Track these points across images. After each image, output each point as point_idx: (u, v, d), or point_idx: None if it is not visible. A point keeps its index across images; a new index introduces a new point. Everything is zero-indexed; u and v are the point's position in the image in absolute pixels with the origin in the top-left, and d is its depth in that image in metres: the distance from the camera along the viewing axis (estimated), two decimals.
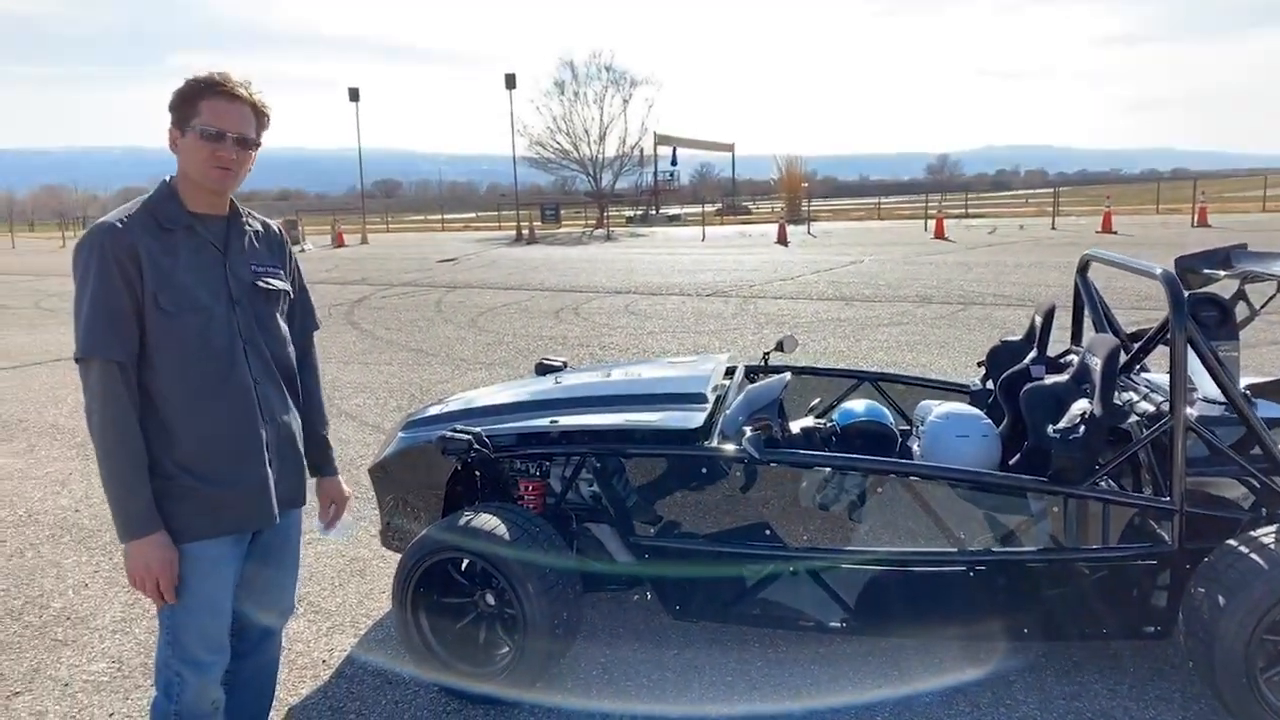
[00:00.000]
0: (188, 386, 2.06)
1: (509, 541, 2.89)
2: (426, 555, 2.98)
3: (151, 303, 2.00)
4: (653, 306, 12.82)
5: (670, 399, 3.42)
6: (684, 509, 3.10)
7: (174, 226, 2.07)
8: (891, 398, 4.17)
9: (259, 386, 2.15)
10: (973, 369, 7.88)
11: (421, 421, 3.70)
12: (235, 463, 2.12)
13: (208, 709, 2.21)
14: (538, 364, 4.33)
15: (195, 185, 2.10)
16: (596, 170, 46.33)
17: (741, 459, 2.95)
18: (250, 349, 2.14)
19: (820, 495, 3.00)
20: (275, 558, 2.32)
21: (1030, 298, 12.06)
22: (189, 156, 2.06)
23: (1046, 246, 20.57)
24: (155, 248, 2.02)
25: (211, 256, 2.11)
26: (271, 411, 2.19)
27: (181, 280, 2.04)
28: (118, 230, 2.00)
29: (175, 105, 2.07)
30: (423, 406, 3.99)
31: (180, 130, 2.07)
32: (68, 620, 3.73)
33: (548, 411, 3.47)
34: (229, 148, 2.06)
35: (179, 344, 2.04)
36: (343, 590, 3.96)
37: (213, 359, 2.07)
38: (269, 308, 2.21)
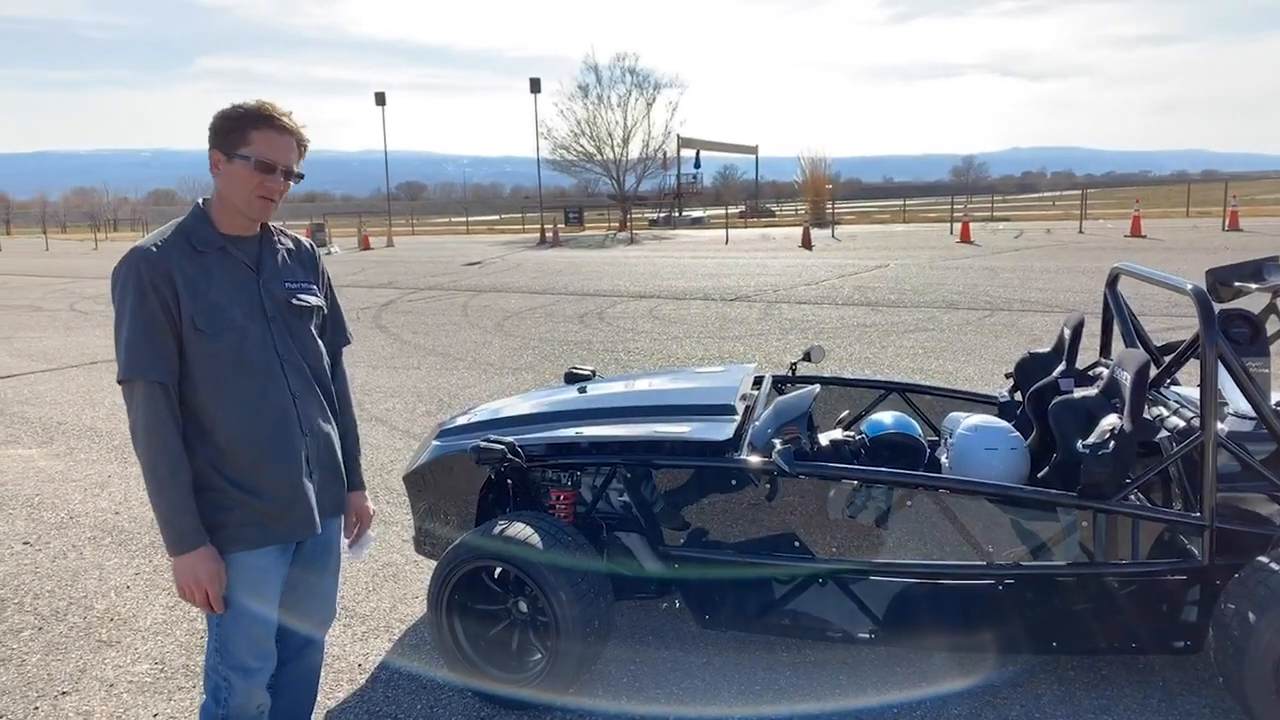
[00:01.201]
0: (228, 403, 2.11)
1: (542, 550, 2.95)
2: (461, 563, 3.04)
3: (189, 324, 2.06)
4: (677, 311, 12.86)
5: (699, 410, 3.46)
6: (713, 519, 3.14)
7: (207, 249, 2.13)
8: (919, 409, 4.19)
9: (298, 400, 2.21)
10: (999, 377, 7.86)
11: (455, 430, 3.76)
12: (279, 475, 2.17)
13: (254, 713, 2.28)
14: (567, 373, 4.39)
15: (233, 210, 2.16)
16: (620, 173, 46.45)
17: (771, 471, 2.99)
18: (288, 364, 2.20)
19: (849, 507, 3.03)
20: (318, 566, 2.38)
21: (1057, 304, 11.99)
22: (235, 183, 2.11)
23: (1074, 251, 20.39)
24: (190, 271, 2.08)
25: (245, 276, 2.18)
26: (311, 424, 2.24)
27: (216, 301, 2.10)
28: (153, 255, 2.06)
29: (223, 130, 2.11)
30: (455, 414, 4.06)
31: (226, 155, 2.11)
32: (111, 621, 3.83)
33: (578, 422, 3.53)
34: (278, 180, 2.13)
35: (217, 363, 2.09)
36: (377, 595, 4.04)
37: (250, 376, 2.13)
38: (303, 323, 2.27)
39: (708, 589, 3.17)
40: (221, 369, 2.10)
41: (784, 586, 3.09)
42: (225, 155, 2.11)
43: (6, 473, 6.05)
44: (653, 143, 46.82)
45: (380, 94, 37.94)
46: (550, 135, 45.50)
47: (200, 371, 2.09)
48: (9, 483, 5.83)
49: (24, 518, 5.18)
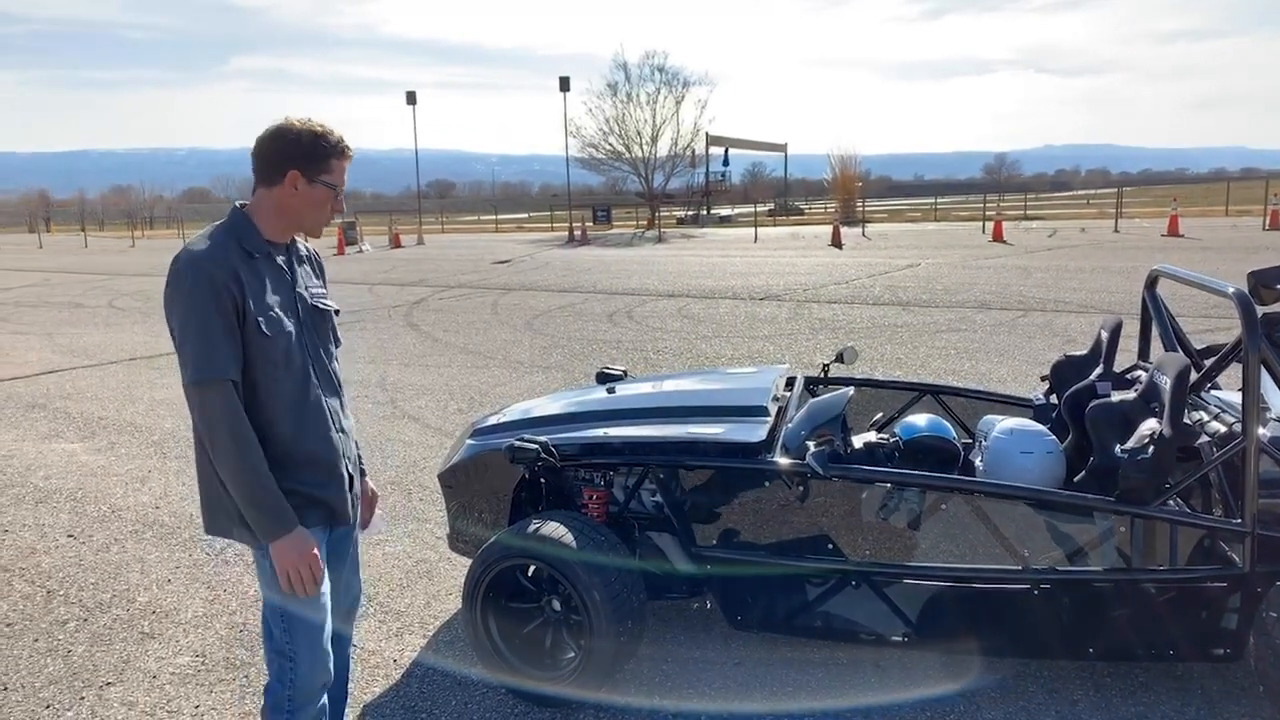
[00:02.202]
0: (279, 401, 2.21)
1: (576, 549, 2.98)
2: (496, 561, 3.08)
3: (254, 326, 2.15)
4: (706, 310, 12.86)
5: (731, 411, 3.47)
6: (745, 520, 3.15)
7: (258, 254, 2.23)
8: (952, 411, 4.17)
9: (327, 399, 2.33)
10: (1034, 379, 7.79)
11: (489, 429, 3.80)
12: (324, 463, 2.30)
13: (318, 690, 2.36)
14: (599, 373, 4.42)
15: (293, 223, 2.28)
16: (648, 171, 46.46)
17: (804, 473, 3.00)
18: (317, 365, 2.32)
19: (883, 510, 3.02)
20: (339, 554, 2.47)
21: (1092, 304, 11.84)
22: (311, 204, 2.25)
23: (1109, 250, 20.11)
24: (248, 274, 2.17)
25: (285, 281, 2.29)
26: (339, 420, 2.37)
27: (271, 304, 2.21)
28: (219, 256, 2.14)
29: (312, 156, 2.22)
30: (489, 413, 4.10)
31: (308, 178, 2.22)
32: (153, 614, 3.92)
33: (610, 422, 3.56)
34: (343, 202, 2.34)
35: (271, 363, 2.19)
36: (411, 591, 4.09)
37: (294, 376, 2.25)
38: (325, 325, 2.40)
39: (740, 590, 3.18)
40: (275, 369, 2.20)
41: (817, 588, 3.10)
42: (307, 178, 2.22)
43: (51, 467, 6.19)
44: (681, 140, 46.80)
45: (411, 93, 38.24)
46: (579, 133, 45.65)
47: (255, 372, 2.17)
48: (53, 476, 5.97)
49: (68, 511, 5.30)
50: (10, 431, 7.22)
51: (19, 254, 36.76)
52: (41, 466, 6.20)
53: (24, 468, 6.19)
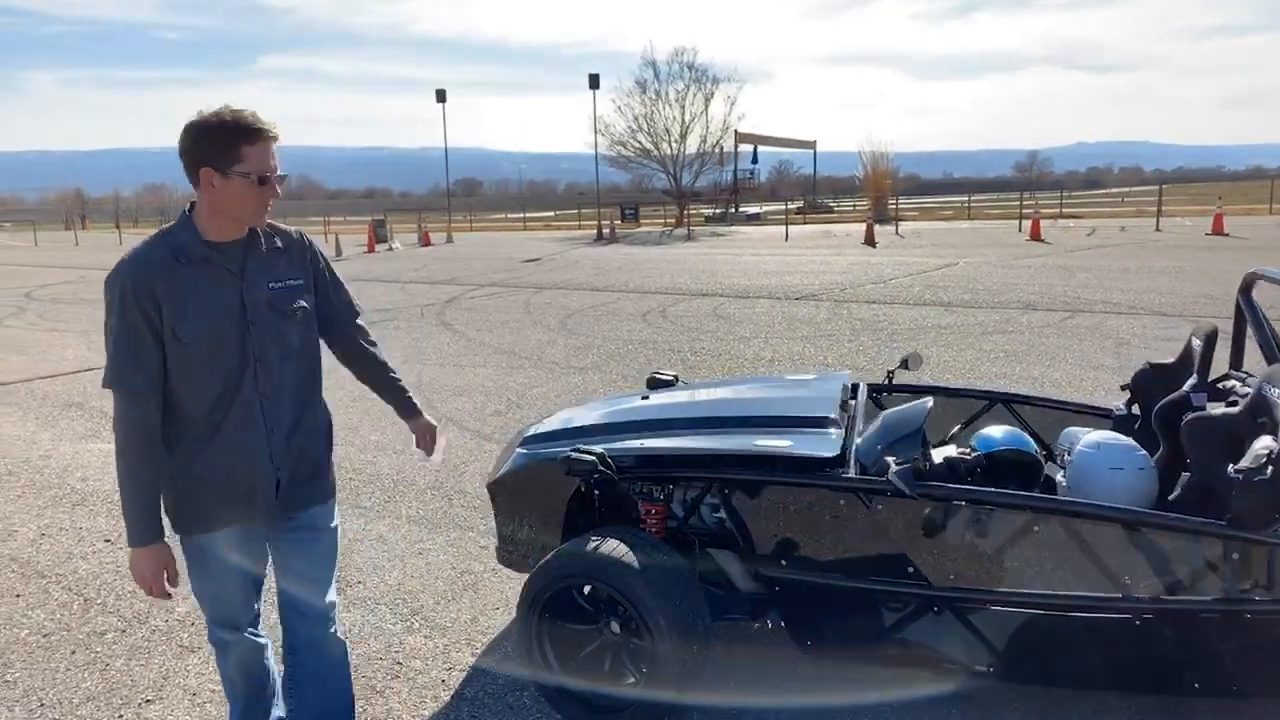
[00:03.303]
0: (199, 404, 2.24)
1: (638, 570, 2.80)
2: (553, 581, 2.91)
3: (170, 335, 2.16)
4: (741, 310, 12.64)
5: (797, 422, 3.27)
6: (817, 540, 2.96)
7: (190, 261, 2.19)
8: (1025, 421, 3.94)
9: (266, 402, 2.30)
10: (1088, 382, 7.52)
11: (539, 438, 3.63)
12: (239, 466, 2.29)
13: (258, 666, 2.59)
14: (649, 378, 4.24)
15: (230, 220, 2.22)
16: (677, 169, 46.22)
17: (885, 491, 2.80)
18: (261, 365, 2.28)
19: (969, 531, 2.82)
20: (304, 551, 2.49)
21: (1141, 306, 11.49)
22: (235, 199, 2.17)
23: (1152, 250, 19.63)
24: (172, 283, 2.16)
25: (227, 282, 2.24)
26: (277, 421, 2.33)
27: (196, 312, 2.18)
28: (138, 270, 2.15)
29: (217, 150, 2.13)
30: (538, 420, 3.93)
31: (220, 172, 2.14)
32: (192, 626, 3.79)
33: (669, 432, 3.38)
34: (275, 189, 2.21)
35: (192, 368, 2.21)
36: (456, 604, 3.93)
37: (222, 379, 2.23)
38: (285, 323, 2.32)
39: (811, 612, 2.99)
40: (194, 371, 2.21)
41: (895, 613, 2.90)
42: (221, 172, 2.15)
43: (88, 467, 6.12)
44: (710, 138, 46.46)
45: (441, 91, 38.28)
46: (608, 131, 45.48)
47: (176, 376, 2.21)
48: (90, 478, 5.89)
49: (105, 514, 5.21)
50: (48, 430, 7.17)
51: (56, 251, 37.25)
52: (79, 467, 6.13)
53: (61, 468, 6.13)
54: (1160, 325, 9.93)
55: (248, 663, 2.57)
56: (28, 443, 6.82)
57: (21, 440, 6.89)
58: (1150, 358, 3.95)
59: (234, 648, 2.53)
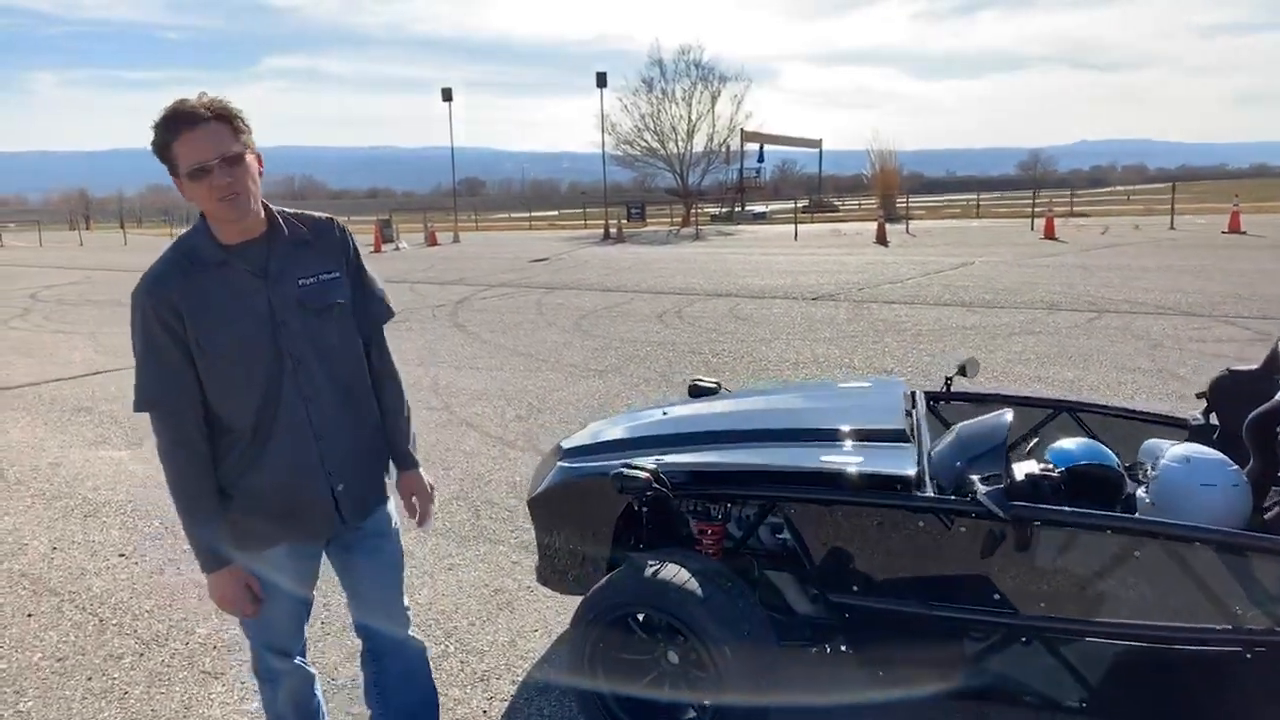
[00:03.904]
0: (240, 416, 2.10)
1: (701, 599, 2.59)
2: (609, 609, 2.70)
3: (195, 347, 2.04)
4: (758, 311, 12.43)
5: (864, 436, 3.06)
6: (892, 564, 2.75)
7: (207, 267, 2.06)
8: (1091, 430, 3.73)
9: (310, 404, 2.15)
10: (1125, 385, 7.29)
11: (579, 451, 3.42)
12: (291, 479, 2.15)
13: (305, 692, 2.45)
14: (690, 386, 4.03)
15: (220, 222, 2.07)
16: (683, 168, 45.99)
17: (970, 513, 2.58)
18: (300, 367, 2.13)
19: (1062, 555, 2.60)
20: (369, 558, 2.37)
21: (1169, 306, 11.26)
22: (194, 199, 2.03)
23: (1169, 249, 19.38)
24: (190, 292, 2.04)
25: (250, 285, 2.09)
26: (326, 426, 2.18)
27: (218, 320, 2.05)
28: (155, 285, 2.04)
29: (159, 158, 2.00)
30: (575, 432, 3.73)
31: (179, 179, 2.00)
32: (214, 650, 3.59)
33: (722, 445, 3.17)
34: (218, 175, 1.97)
35: (227, 380, 2.08)
36: (491, 626, 3.73)
37: (260, 387, 2.09)
38: (320, 320, 2.17)
39: (884, 641, 2.78)
40: (230, 384, 2.08)
41: (977, 643, 2.68)
42: (176, 178, 2.01)
43: (99, 476, 5.92)
44: (717, 136, 46.21)
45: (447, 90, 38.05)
46: (614, 130, 45.24)
47: (210, 386, 2.08)
48: (102, 487, 5.70)
49: (119, 526, 5.01)
50: (57, 436, 6.98)
51: (60, 251, 37.14)
52: (90, 476, 5.93)
53: (72, 477, 5.93)
54: (1191, 326, 9.69)
55: (300, 695, 2.43)
56: (36, 449, 6.63)
57: (30, 447, 6.70)
58: (1187, 360, 3.73)
59: (285, 679, 2.38)
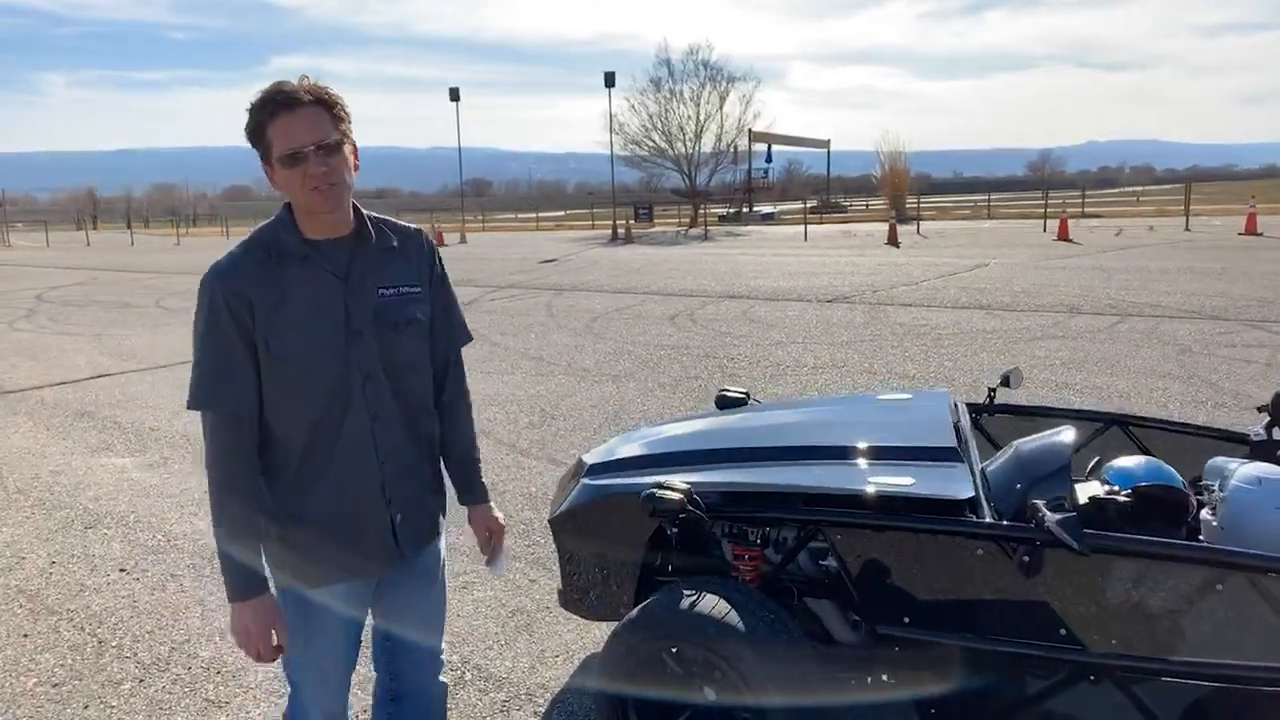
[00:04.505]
0: (299, 430, 1.90)
1: (744, 633, 2.40)
2: (643, 644, 2.50)
3: (263, 347, 1.85)
4: (773, 313, 12.22)
5: (911, 454, 2.85)
6: (948, 594, 2.54)
7: (287, 260, 1.89)
8: (1145, 446, 3.51)
9: (376, 424, 1.96)
10: (1157, 393, 7.06)
11: (606, 467, 3.22)
12: (349, 507, 1.96)
13: None
14: (718, 396, 3.83)
15: (306, 213, 1.90)
16: (691, 168, 45.79)
17: (1035, 541, 2.38)
18: (369, 383, 1.94)
19: (1136, 587, 2.40)
20: (420, 596, 2.17)
21: (1193, 309, 11.02)
22: (286, 188, 1.86)
23: (1186, 250, 19.12)
24: (266, 287, 1.86)
25: (330, 288, 1.91)
26: (390, 450, 1.99)
27: (292, 320, 1.87)
28: (229, 273, 1.86)
29: (251, 142, 1.87)
30: (599, 447, 3.53)
31: (269, 165, 1.86)
32: (218, 675, 3.40)
33: (759, 464, 2.96)
34: (314, 163, 1.81)
35: (290, 388, 1.89)
36: (510, 650, 3.53)
37: (325, 401, 1.90)
38: (396, 335, 1.98)
39: (938, 677, 2.57)
40: (292, 393, 1.89)
41: (1041, 681, 2.48)
42: (267, 164, 1.86)
43: (101, 485, 5.74)
44: (725, 137, 46.00)
45: (454, 90, 37.91)
46: (622, 130, 45.06)
47: (271, 395, 1.89)
48: (103, 497, 5.52)
49: (119, 539, 4.83)
50: (59, 443, 6.81)
51: (67, 251, 37.10)
52: (91, 485, 5.75)
53: (73, 485, 5.76)
54: (1219, 331, 9.45)
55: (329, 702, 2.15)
56: (38, 456, 6.45)
57: (31, 454, 6.53)
58: (1218, 366, 3.52)
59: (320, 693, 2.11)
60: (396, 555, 2.04)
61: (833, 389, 7.67)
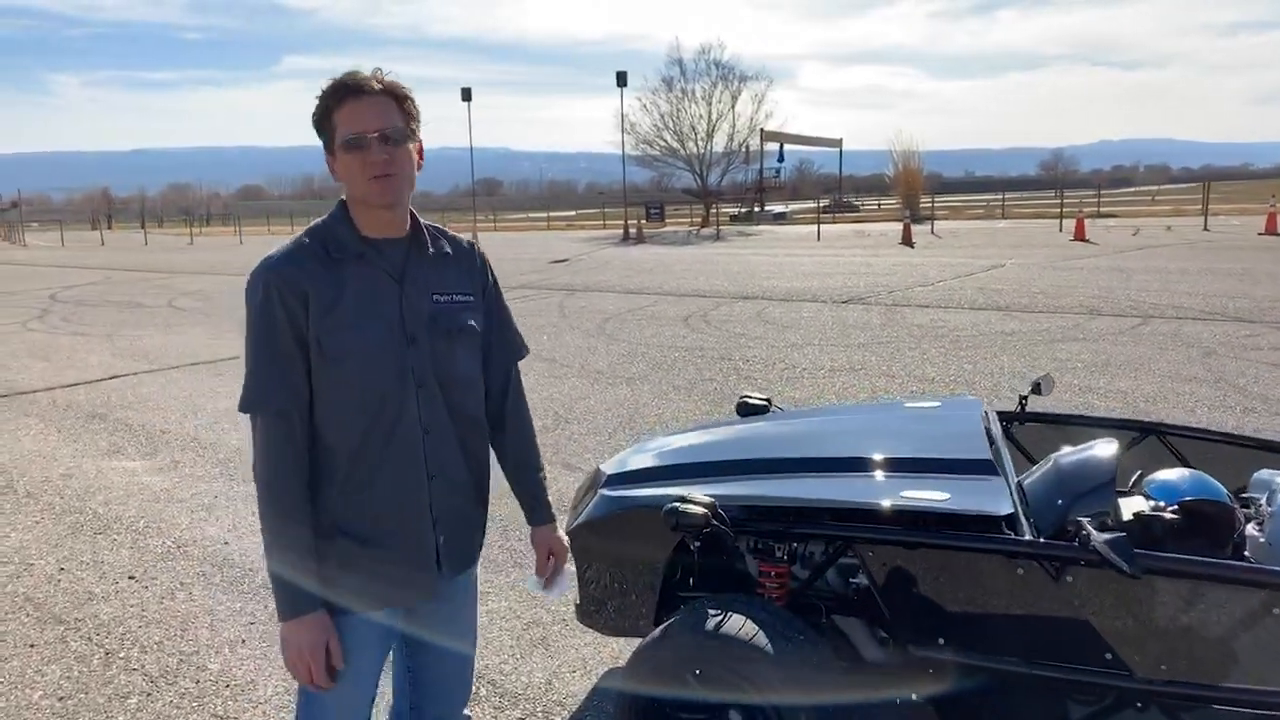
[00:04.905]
0: (347, 438, 1.79)
1: (774, 657, 2.29)
2: (668, 667, 2.40)
3: (315, 346, 1.75)
4: (787, 314, 12.10)
5: (946, 466, 2.74)
6: (986, 614, 2.43)
7: (344, 256, 1.79)
8: (1183, 456, 3.39)
9: (428, 437, 1.85)
10: (1186, 397, 6.90)
11: (625, 478, 3.12)
12: (396, 524, 1.84)
13: None
14: (739, 403, 3.72)
15: (366, 207, 1.82)
16: (703, 167, 45.66)
17: (1079, 561, 2.26)
18: (424, 393, 1.84)
19: (1187, 610, 2.28)
20: (452, 624, 2.04)
21: (1217, 311, 10.83)
22: (346, 176, 1.79)
23: (1205, 251, 18.89)
24: (324, 283, 1.76)
25: (386, 289, 1.82)
26: (441, 465, 1.88)
27: (348, 320, 1.77)
28: (284, 266, 1.76)
29: (318, 127, 1.80)
30: (617, 455, 3.43)
31: (332, 154, 1.80)
32: (227, 689, 3.31)
33: (785, 475, 2.85)
34: (375, 150, 1.74)
35: (341, 391, 1.78)
36: (526, 665, 3.44)
37: (377, 407, 1.80)
38: (450, 344, 1.88)
39: (976, 702, 2.46)
40: (345, 398, 1.78)
41: (1084, 707, 2.36)
42: (331, 154, 1.80)
43: (111, 489, 5.68)
44: (737, 136, 45.85)
45: (466, 89, 37.87)
46: (634, 130, 44.96)
47: (321, 401, 1.78)
48: (113, 501, 5.45)
49: (129, 545, 4.76)
50: (70, 445, 6.76)
51: (82, 250, 37.28)
52: (101, 489, 5.69)
53: (83, 490, 5.69)
54: (1244, 333, 9.28)
55: None
56: (48, 459, 6.40)
57: (42, 457, 6.47)
58: (1245, 369, 3.39)
59: None
60: (437, 579, 1.92)
61: (851, 392, 7.55)
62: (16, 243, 49.61)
